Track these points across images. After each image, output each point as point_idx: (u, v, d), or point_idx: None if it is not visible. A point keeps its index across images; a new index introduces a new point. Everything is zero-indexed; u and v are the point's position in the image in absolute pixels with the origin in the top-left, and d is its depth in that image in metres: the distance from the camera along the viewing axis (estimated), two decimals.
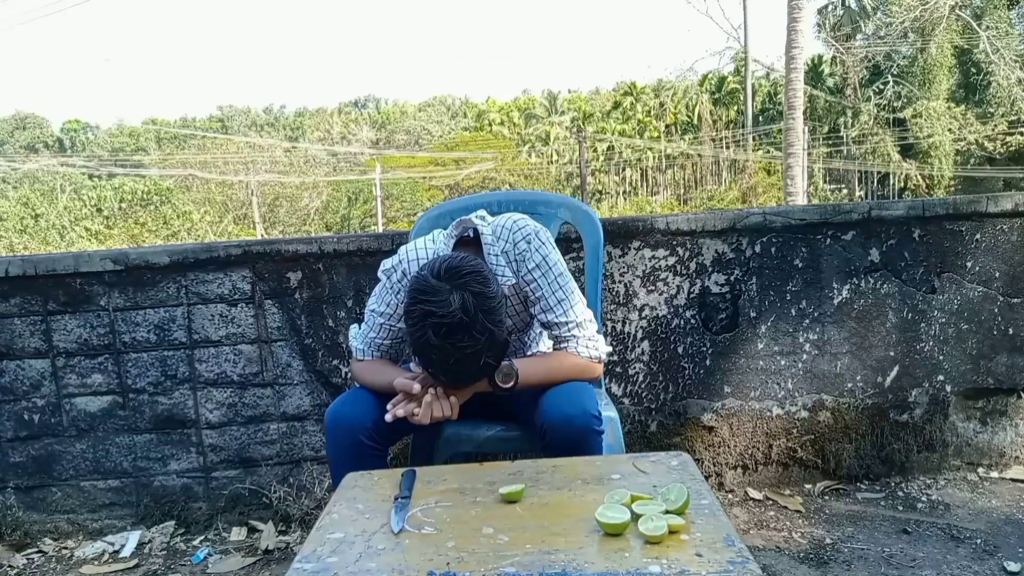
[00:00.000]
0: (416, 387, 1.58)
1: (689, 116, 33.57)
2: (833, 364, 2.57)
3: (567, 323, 1.72)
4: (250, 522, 2.53)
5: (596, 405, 1.62)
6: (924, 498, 2.48)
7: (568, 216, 2.20)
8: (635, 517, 1.17)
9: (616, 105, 35.93)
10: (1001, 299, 2.58)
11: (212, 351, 2.48)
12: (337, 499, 1.36)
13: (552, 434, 1.58)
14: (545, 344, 1.96)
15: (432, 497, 1.33)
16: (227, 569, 2.29)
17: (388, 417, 1.57)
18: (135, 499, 2.54)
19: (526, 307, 1.79)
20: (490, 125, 39.14)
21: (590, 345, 1.73)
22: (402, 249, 1.79)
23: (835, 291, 2.54)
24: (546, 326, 1.76)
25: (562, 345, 1.74)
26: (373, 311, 1.79)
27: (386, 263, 1.79)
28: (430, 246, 1.78)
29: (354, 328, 1.86)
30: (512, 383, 1.63)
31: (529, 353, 1.90)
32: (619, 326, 2.52)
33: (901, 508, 2.43)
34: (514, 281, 1.72)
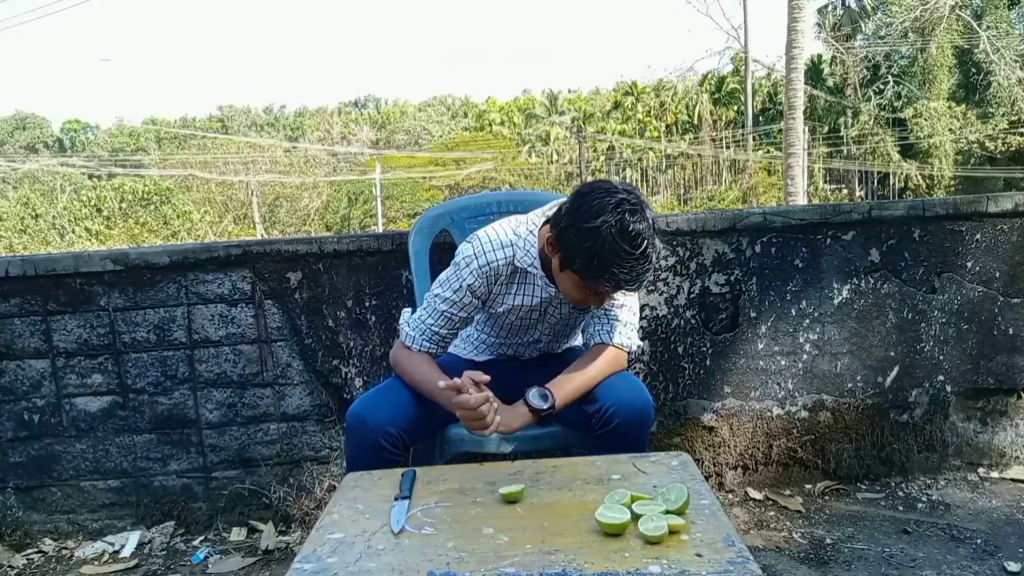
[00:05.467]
0: (473, 401, 1.54)
1: (689, 116, 33.53)
2: (833, 364, 2.57)
3: (615, 299, 1.72)
4: (250, 522, 2.53)
5: (650, 395, 1.66)
6: (924, 498, 2.48)
7: None
8: (635, 517, 1.17)
9: (616, 105, 35.87)
10: (1001, 299, 2.58)
11: (212, 351, 2.48)
12: (337, 499, 1.36)
13: (614, 420, 1.59)
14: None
15: (432, 497, 1.33)
16: (227, 569, 2.29)
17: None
18: (135, 499, 2.54)
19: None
20: (490, 125, 39.09)
21: (623, 332, 1.75)
22: (482, 237, 1.73)
23: (835, 291, 2.54)
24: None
25: (597, 326, 1.75)
26: (438, 295, 1.73)
27: (466, 249, 1.72)
28: (510, 233, 1.72)
29: (407, 312, 1.81)
30: (548, 403, 1.63)
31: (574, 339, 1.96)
32: None
33: (901, 508, 2.43)
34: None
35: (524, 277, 1.73)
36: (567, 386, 1.66)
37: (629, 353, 1.79)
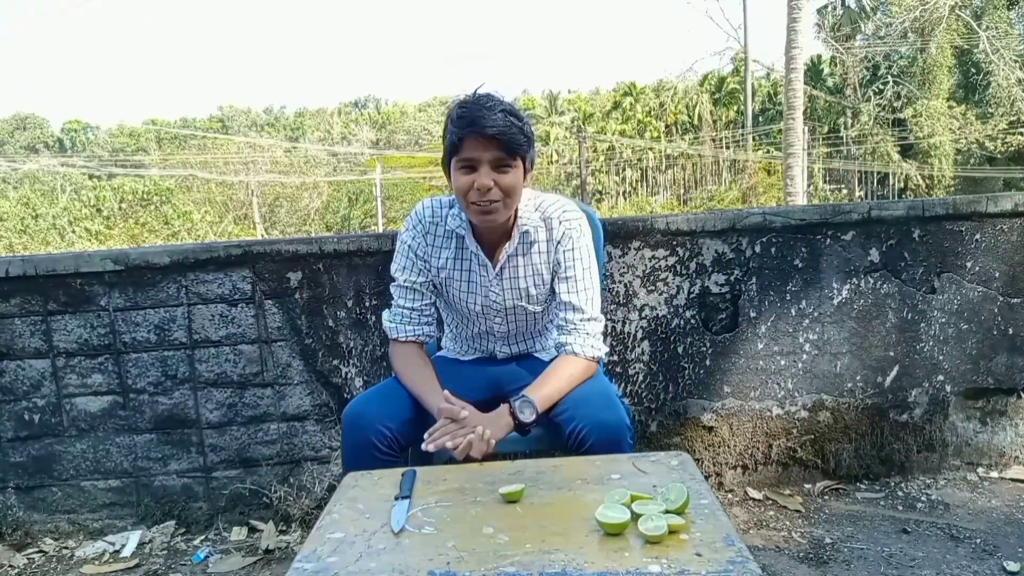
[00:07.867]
0: (463, 413, 1.57)
1: (689, 116, 33.52)
2: (833, 364, 2.57)
3: (584, 312, 1.76)
4: (250, 522, 2.53)
5: (627, 416, 1.63)
6: (924, 498, 2.48)
7: None
8: (635, 517, 1.17)
9: (616, 105, 35.86)
10: (1001, 299, 2.58)
11: (212, 351, 2.49)
12: (337, 499, 1.36)
13: (587, 441, 1.57)
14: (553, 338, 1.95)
15: (432, 497, 1.33)
16: (227, 569, 2.29)
17: (429, 448, 1.55)
18: (135, 499, 2.54)
19: (553, 279, 1.80)
20: None
21: (595, 345, 1.75)
22: (417, 205, 1.85)
23: (835, 291, 2.54)
24: (563, 306, 1.77)
25: (566, 337, 1.75)
26: (393, 274, 1.82)
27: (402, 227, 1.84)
28: (445, 201, 1.80)
29: (385, 313, 1.85)
30: (534, 416, 1.62)
31: (544, 337, 1.94)
32: (619, 326, 2.52)
33: (901, 508, 2.43)
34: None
35: (460, 243, 1.78)
36: (546, 390, 1.66)
37: (599, 363, 1.80)
